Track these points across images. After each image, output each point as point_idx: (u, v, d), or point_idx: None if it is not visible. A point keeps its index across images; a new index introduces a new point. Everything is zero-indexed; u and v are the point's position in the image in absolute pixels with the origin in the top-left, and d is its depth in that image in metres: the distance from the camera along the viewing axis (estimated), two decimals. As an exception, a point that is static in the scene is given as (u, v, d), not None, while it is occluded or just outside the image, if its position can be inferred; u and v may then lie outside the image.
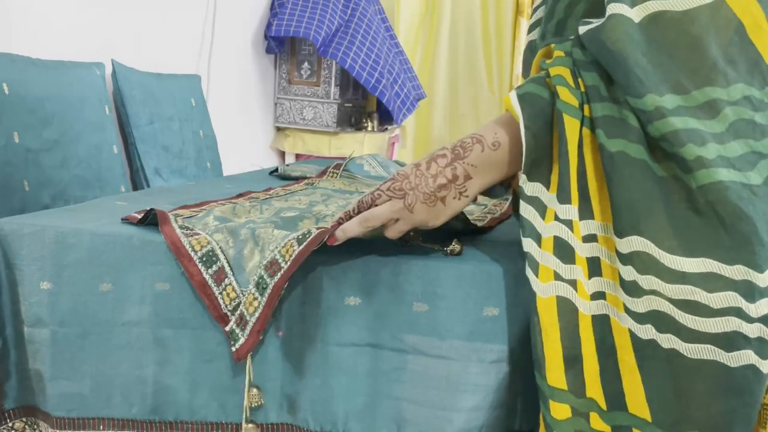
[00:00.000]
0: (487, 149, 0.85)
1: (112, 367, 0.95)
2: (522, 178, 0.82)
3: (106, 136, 2.02)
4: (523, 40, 3.76)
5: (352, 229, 0.86)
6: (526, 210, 0.81)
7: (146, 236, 0.96)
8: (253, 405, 0.92)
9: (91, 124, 1.96)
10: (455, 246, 0.93)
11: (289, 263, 0.88)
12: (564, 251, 0.78)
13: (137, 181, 2.22)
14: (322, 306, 0.90)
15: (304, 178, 1.64)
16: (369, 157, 1.80)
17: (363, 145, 3.56)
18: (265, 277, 0.90)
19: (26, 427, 1.00)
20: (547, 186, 0.81)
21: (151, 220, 0.99)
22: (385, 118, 3.82)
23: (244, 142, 3.27)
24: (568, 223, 0.79)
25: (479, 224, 1.09)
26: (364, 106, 3.89)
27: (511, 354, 0.85)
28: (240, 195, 1.31)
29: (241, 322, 0.91)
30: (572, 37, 0.86)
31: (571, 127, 0.80)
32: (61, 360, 0.96)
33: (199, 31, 2.82)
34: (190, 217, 1.07)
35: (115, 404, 0.95)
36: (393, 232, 0.88)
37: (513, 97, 0.83)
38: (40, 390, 0.97)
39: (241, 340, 0.91)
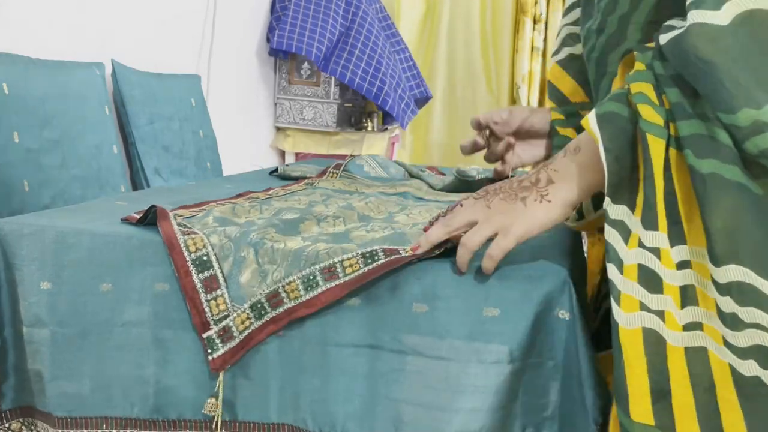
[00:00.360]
0: (569, 154, 0.82)
1: (112, 368, 0.95)
2: (606, 201, 0.77)
3: (106, 136, 2.02)
4: (527, 39, 3.74)
5: (436, 234, 0.84)
6: (609, 234, 0.76)
7: (146, 236, 0.96)
8: (207, 412, 0.92)
9: (91, 124, 1.96)
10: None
11: (293, 304, 0.89)
12: (650, 280, 0.73)
13: (137, 181, 2.22)
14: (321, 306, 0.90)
15: (304, 178, 1.64)
16: (369, 157, 1.80)
17: (363, 145, 3.56)
18: (265, 305, 0.90)
19: (23, 427, 1.00)
20: (632, 209, 0.76)
21: (150, 219, 0.99)
22: (387, 117, 3.82)
23: (244, 142, 3.27)
24: (655, 251, 0.73)
25: None
26: (364, 106, 3.89)
27: (512, 355, 0.85)
28: (240, 195, 1.31)
29: (225, 334, 0.91)
30: (652, 46, 0.80)
31: (656, 147, 0.74)
32: (61, 360, 0.96)
33: (199, 31, 2.82)
34: (189, 217, 1.07)
35: (117, 404, 0.96)
36: (475, 237, 0.83)
37: (591, 118, 0.78)
38: (40, 390, 0.97)
39: (220, 351, 0.91)
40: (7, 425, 0.98)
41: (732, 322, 0.69)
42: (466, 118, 4.06)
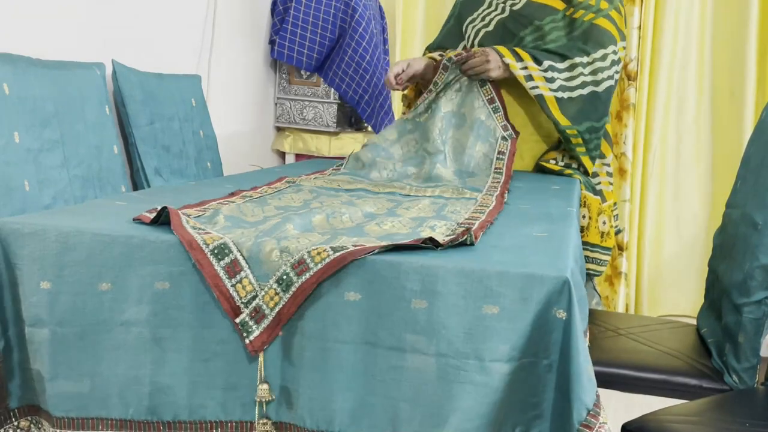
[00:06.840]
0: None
1: (110, 367, 0.95)
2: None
3: (106, 136, 2.02)
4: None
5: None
6: None
7: (146, 236, 0.96)
8: (262, 401, 0.92)
9: (92, 124, 1.96)
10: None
11: (321, 266, 0.89)
12: None
13: (137, 181, 2.22)
14: (321, 302, 0.90)
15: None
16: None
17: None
18: (291, 274, 0.90)
19: (31, 425, 1.00)
20: None
21: (163, 219, 1.00)
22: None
23: (244, 142, 3.27)
24: None
25: (479, 222, 1.10)
26: (365, 106, 3.88)
27: (510, 353, 0.85)
28: (232, 194, 1.32)
29: (257, 314, 0.91)
30: None
31: None
32: (60, 360, 0.96)
33: (200, 32, 2.82)
34: (198, 216, 1.08)
35: (113, 405, 0.96)
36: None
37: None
38: (41, 390, 0.98)
39: (256, 333, 0.91)
40: (16, 423, 0.99)
41: None
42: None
